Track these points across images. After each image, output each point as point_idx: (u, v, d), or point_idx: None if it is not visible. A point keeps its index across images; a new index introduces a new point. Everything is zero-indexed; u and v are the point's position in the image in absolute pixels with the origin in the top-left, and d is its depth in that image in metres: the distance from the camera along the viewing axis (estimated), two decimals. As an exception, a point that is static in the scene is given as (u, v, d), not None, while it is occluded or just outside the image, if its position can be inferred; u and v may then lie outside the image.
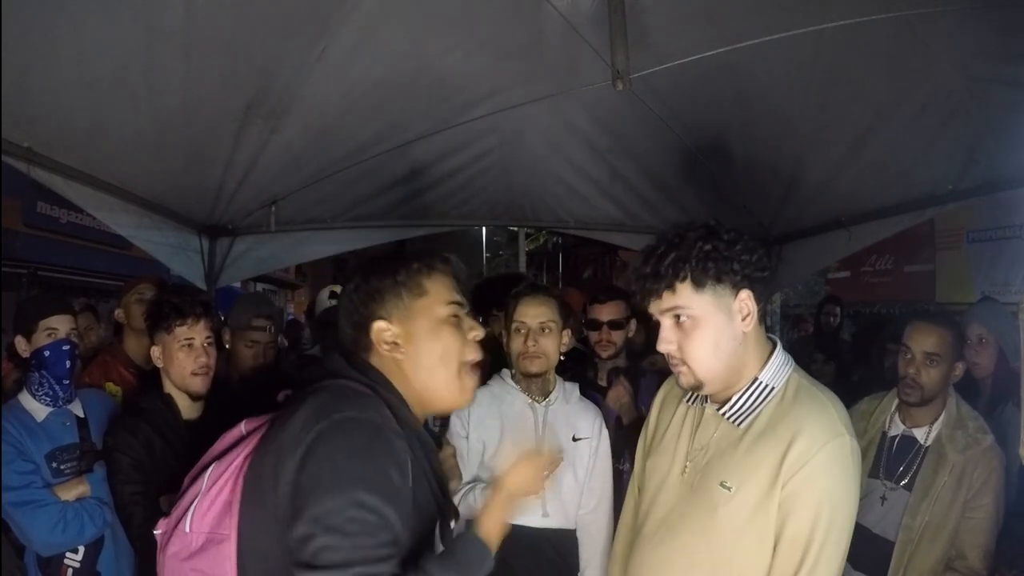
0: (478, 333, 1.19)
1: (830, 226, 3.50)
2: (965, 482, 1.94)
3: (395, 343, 1.13)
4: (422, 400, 1.15)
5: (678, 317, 1.28)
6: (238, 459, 1.09)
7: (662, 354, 1.35)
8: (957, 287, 6.28)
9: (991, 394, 2.38)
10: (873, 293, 7.39)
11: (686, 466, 1.38)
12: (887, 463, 2.04)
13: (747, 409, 1.31)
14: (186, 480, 1.18)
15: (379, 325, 1.14)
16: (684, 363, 1.30)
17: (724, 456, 1.31)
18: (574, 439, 2.05)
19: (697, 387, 1.32)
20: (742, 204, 3.63)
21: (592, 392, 2.36)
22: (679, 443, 1.42)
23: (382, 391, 1.09)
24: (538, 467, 1.32)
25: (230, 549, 1.03)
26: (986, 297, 3.28)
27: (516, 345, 2.02)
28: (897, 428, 2.10)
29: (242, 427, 1.17)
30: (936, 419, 2.03)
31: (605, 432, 2.12)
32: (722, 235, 1.27)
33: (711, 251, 1.25)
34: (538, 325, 2.00)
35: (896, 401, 2.11)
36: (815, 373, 1.38)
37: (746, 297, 1.28)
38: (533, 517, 1.95)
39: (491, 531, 1.13)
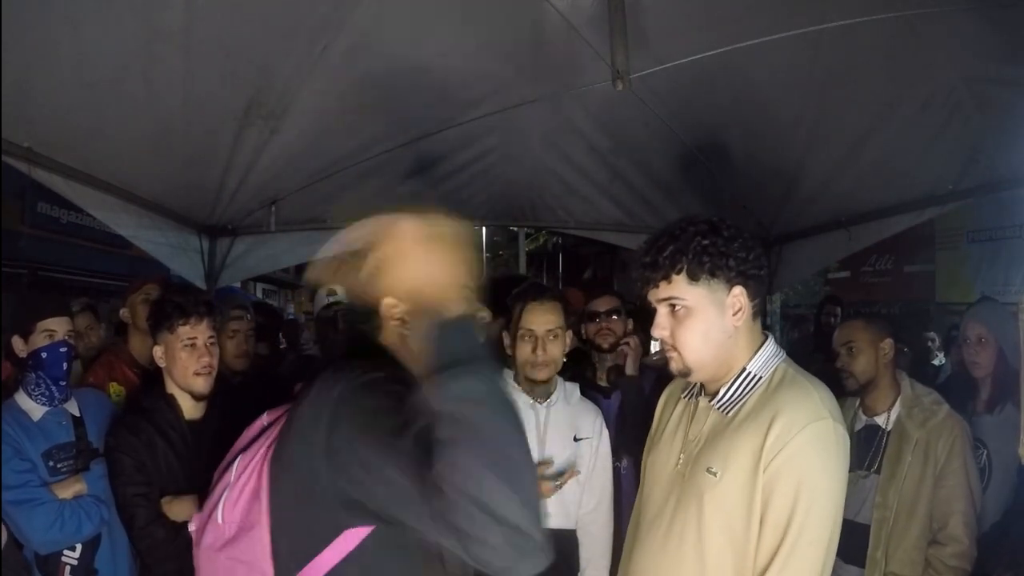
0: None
1: (830, 226, 3.50)
2: (931, 455, 2.05)
3: (402, 320, 1.12)
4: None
5: (673, 306, 1.33)
6: (262, 448, 1.12)
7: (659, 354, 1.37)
8: (957, 287, 6.29)
9: (991, 394, 2.38)
10: (873, 293, 7.39)
11: (680, 458, 1.42)
12: (856, 454, 2.09)
13: (735, 398, 1.35)
14: (216, 474, 1.21)
15: (389, 301, 1.12)
16: (675, 349, 1.35)
17: (712, 444, 1.35)
18: (575, 439, 2.05)
19: (685, 373, 1.37)
20: (742, 204, 3.63)
21: (592, 392, 2.35)
22: (676, 437, 1.47)
23: (387, 369, 1.09)
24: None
25: (261, 533, 1.07)
26: (985, 297, 3.28)
27: (523, 352, 1.98)
28: (861, 421, 2.23)
29: (264, 418, 1.20)
30: (893, 403, 2.17)
31: (606, 432, 2.11)
32: (722, 231, 1.31)
33: (708, 246, 1.29)
34: (546, 332, 1.97)
35: (857, 399, 2.25)
36: (815, 373, 1.39)
37: (739, 293, 1.32)
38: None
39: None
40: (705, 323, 1.31)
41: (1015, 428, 1.79)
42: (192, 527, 1.20)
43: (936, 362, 5.07)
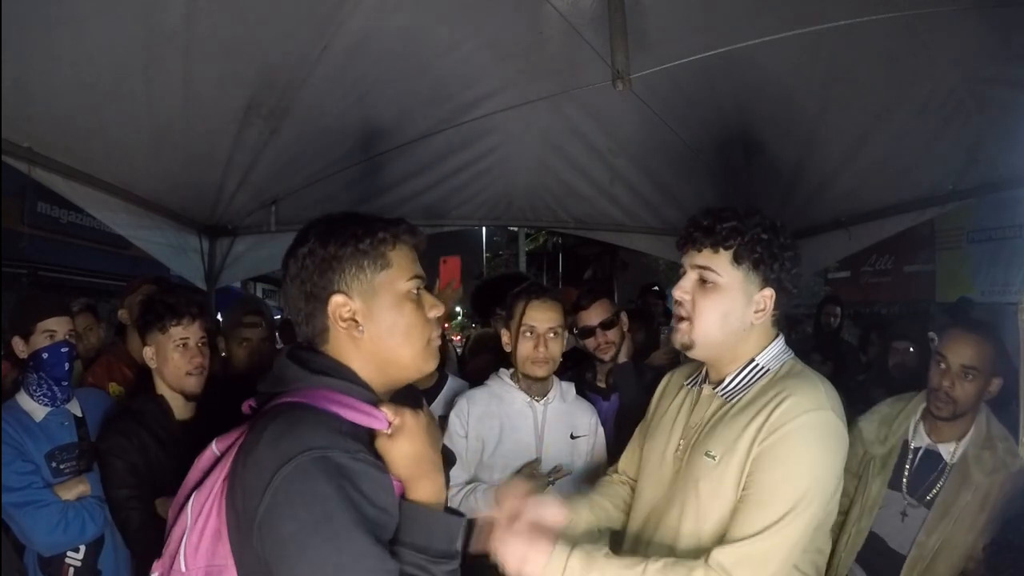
0: (438, 311, 1.13)
1: (830, 226, 3.51)
2: (989, 504, 1.81)
3: (353, 320, 1.06)
4: (386, 377, 1.09)
5: (704, 279, 1.34)
6: (217, 483, 1.02)
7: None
8: (957, 287, 6.29)
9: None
10: (873, 293, 7.40)
11: (679, 444, 1.43)
12: (911, 478, 1.94)
13: (741, 387, 1.37)
14: (170, 514, 1.11)
15: (337, 300, 1.06)
16: (688, 318, 1.36)
17: (713, 430, 1.36)
18: (572, 437, 2.07)
19: (688, 346, 1.37)
20: (742, 204, 3.63)
21: (591, 393, 2.36)
22: (675, 424, 1.48)
23: (341, 396, 1.03)
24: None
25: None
26: (963, 298, 3.25)
27: (525, 349, 2.01)
28: (921, 440, 1.95)
29: (214, 447, 1.10)
30: (964, 435, 1.89)
31: (601, 430, 2.14)
32: (781, 236, 1.36)
33: (765, 241, 1.33)
34: (547, 329, 2.01)
35: (922, 407, 1.97)
36: (814, 374, 1.40)
37: (768, 295, 1.34)
38: (531, 516, 1.96)
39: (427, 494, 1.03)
40: (728, 305, 1.33)
41: (1017, 429, 1.78)
42: (154, 575, 1.09)
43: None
